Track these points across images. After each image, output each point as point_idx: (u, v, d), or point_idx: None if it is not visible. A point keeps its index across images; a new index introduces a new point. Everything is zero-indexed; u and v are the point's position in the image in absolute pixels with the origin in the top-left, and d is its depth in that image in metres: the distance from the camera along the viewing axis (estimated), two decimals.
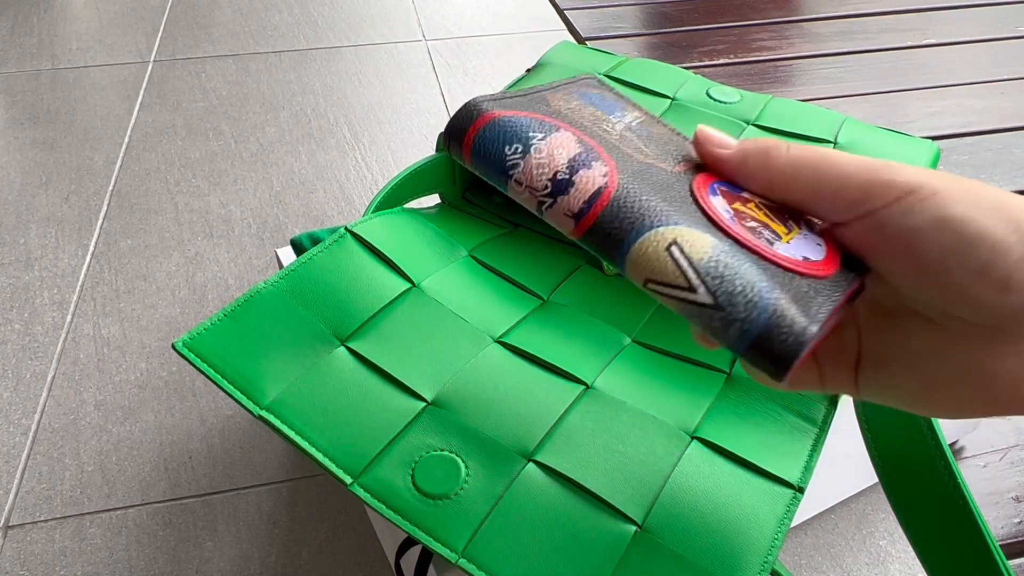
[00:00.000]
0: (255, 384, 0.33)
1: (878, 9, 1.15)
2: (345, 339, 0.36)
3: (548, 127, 0.27)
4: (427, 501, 0.30)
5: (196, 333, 0.34)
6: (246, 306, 0.36)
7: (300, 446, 0.31)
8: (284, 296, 0.36)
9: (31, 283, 0.69)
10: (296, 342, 0.35)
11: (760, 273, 0.22)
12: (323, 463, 0.31)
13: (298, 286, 0.37)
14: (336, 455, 0.31)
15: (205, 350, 0.34)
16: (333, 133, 0.89)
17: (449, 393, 0.34)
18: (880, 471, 0.32)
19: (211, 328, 0.35)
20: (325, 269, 0.38)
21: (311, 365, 0.34)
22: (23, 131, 0.90)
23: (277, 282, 0.37)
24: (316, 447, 0.31)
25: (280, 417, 0.32)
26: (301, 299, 0.36)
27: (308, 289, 0.37)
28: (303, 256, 0.38)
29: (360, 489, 0.30)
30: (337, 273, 0.38)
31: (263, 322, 0.35)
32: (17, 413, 0.57)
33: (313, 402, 0.33)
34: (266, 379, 0.33)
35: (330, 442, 0.32)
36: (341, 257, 0.39)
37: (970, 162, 0.81)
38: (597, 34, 1.07)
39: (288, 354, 0.34)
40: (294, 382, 0.33)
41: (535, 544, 0.29)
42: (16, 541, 0.49)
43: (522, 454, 0.32)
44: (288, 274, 0.37)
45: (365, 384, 0.34)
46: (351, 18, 1.16)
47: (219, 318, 0.35)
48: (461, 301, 0.39)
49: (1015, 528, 0.48)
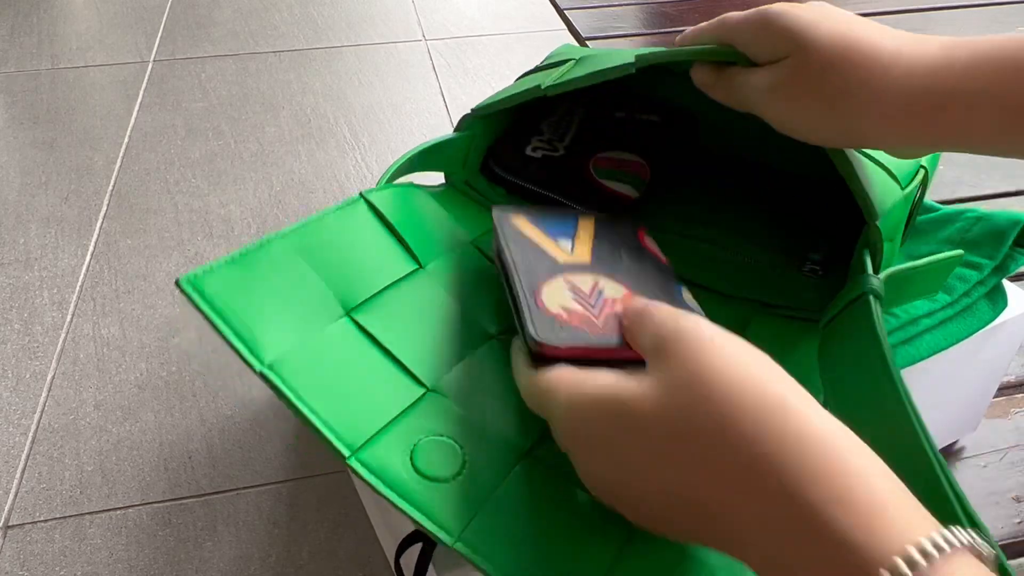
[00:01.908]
0: (258, 338, 0.32)
1: (878, 9, 1.15)
2: (351, 310, 0.35)
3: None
4: (425, 483, 0.30)
5: (202, 271, 0.33)
6: (255, 254, 0.35)
7: (300, 411, 0.30)
8: (293, 252, 0.36)
9: (31, 283, 0.69)
10: (302, 303, 0.34)
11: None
12: (323, 432, 0.30)
13: (308, 243, 0.36)
14: (336, 426, 0.30)
15: (210, 292, 0.32)
16: (333, 133, 0.89)
17: (450, 382, 0.34)
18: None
19: (218, 269, 0.33)
20: (336, 231, 0.37)
21: (316, 330, 0.34)
22: (23, 131, 0.90)
23: (288, 234, 0.36)
24: (317, 415, 0.30)
25: (282, 378, 0.31)
26: (310, 258, 0.36)
27: (318, 249, 0.36)
28: (316, 214, 0.38)
29: (357, 463, 0.30)
30: (348, 237, 0.38)
31: (270, 274, 0.34)
32: (17, 413, 0.57)
33: (315, 368, 0.32)
34: (268, 334, 0.32)
35: (330, 412, 0.31)
36: (353, 222, 0.38)
37: (970, 162, 0.81)
38: (597, 34, 1.07)
39: (293, 313, 0.34)
40: (297, 345, 0.33)
41: (532, 533, 0.29)
42: (16, 541, 0.49)
43: (520, 445, 0.32)
44: (299, 228, 0.36)
45: (368, 360, 0.34)
46: (351, 18, 1.16)
47: (226, 261, 0.33)
48: (463, 290, 0.39)
49: (1015, 528, 0.48)
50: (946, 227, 0.47)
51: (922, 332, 0.42)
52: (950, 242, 0.45)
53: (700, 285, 0.42)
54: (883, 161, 0.39)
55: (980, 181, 0.79)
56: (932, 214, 0.48)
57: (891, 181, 0.39)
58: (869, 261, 0.36)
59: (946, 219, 0.47)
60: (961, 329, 0.43)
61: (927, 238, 0.47)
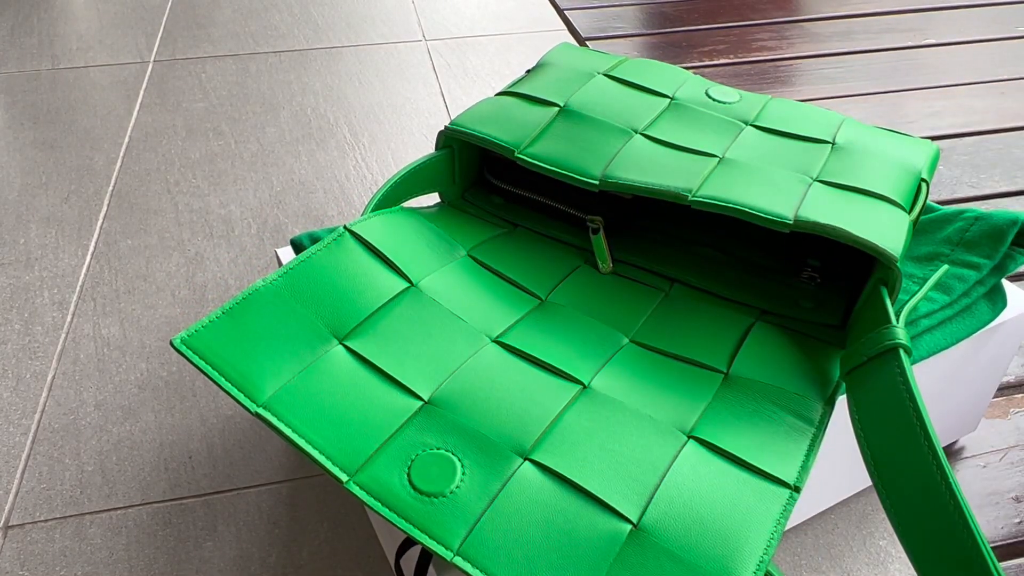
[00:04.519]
0: (252, 381, 0.33)
1: (878, 9, 1.15)
2: (343, 338, 0.36)
3: None
4: (423, 499, 0.30)
5: (194, 330, 0.34)
6: (244, 304, 0.36)
7: (296, 444, 0.31)
8: (282, 294, 0.36)
9: (31, 283, 0.69)
10: (294, 340, 0.35)
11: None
12: (319, 461, 0.31)
13: (296, 284, 0.37)
14: (332, 453, 0.31)
15: (203, 347, 0.34)
16: (333, 133, 0.89)
17: (446, 392, 0.34)
18: (873, 471, 0.32)
19: (209, 325, 0.35)
20: (323, 267, 0.38)
21: (308, 363, 0.34)
22: (23, 131, 0.90)
23: (275, 280, 0.37)
24: (312, 444, 0.31)
25: (277, 414, 0.32)
26: (299, 297, 0.37)
27: (306, 287, 0.37)
28: (302, 255, 0.38)
29: (356, 487, 0.30)
30: (335, 271, 0.38)
31: (261, 320, 0.35)
32: (17, 413, 0.57)
33: (310, 400, 0.33)
34: (264, 376, 0.33)
35: (327, 440, 0.32)
36: (339, 256, 0.39)
37: (970, 162, 0.81)
38: (597, 34, 1.07)
39: (286, 352, 0.34)
40: (291, 380, 0.34)
41: (530, 542, 0.29)
42: (16, 541, 0.49)
43: (518, 453, 0.32)
44: (286, 272, 0.37)
45: (362, 383, 0.34)
46: (351, 18, 1.16)
47: (217, 315, 0.35)
48: (459, 301, 0.39)
49: (1015, 528, 0.48)
50: (945, 227, 0.47)
51: (922, 332, 0.42)
52: (949, 242, 0.45)
53: (702, 289, 0.42)
54: (886, 193, 0.39)
55: (980, 181, 0.79)
56: (931, 214, 0.48)
57: (897, 211, 0.39)
58: (890, 306, 0.36)
59: (945, 219, 0.47)
60: (960, 329, 0.43)
61: (926, 238, 0.47)
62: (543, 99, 0.47)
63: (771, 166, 0.42)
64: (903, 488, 0.30)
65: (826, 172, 0.42)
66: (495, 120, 0.46)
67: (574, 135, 0.45)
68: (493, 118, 0.46)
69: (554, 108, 0.47)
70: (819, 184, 0.41)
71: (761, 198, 0.39)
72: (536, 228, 0.46)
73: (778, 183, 0.40)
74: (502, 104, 0.47)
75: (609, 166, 0.42)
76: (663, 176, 0.41)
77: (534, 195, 0.47)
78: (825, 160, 0.43)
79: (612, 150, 0.44)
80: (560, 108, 0.47)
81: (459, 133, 0.45)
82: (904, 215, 0.39)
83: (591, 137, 0.44)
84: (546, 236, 0.46)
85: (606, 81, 0.49)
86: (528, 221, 0.47)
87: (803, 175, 0.41)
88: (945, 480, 0.29)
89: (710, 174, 0.41)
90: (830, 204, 0.39)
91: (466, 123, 0.46)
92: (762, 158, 0.43)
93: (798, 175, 0.41)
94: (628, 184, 0.41)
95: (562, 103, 0.47)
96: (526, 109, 0.47)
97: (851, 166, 0.42)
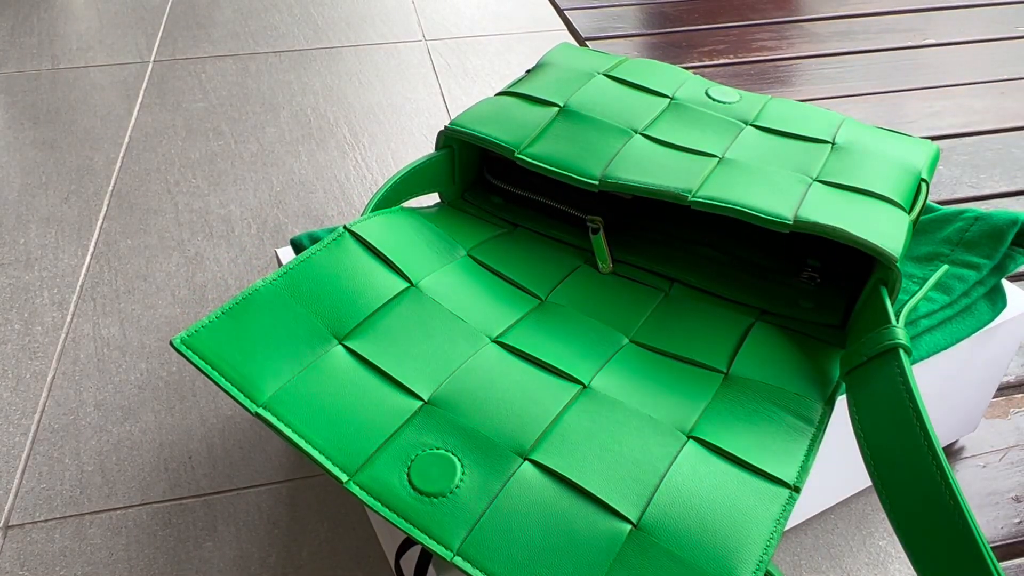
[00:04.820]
0: (252, 382, 0.33)
1: (878, 9, 1.15)
2: (343, 338, 0.36)
3: None
4: (422, 499, 0.30)
5: (194, 330, 0.34)
6: (244, 304, 0.36)
7: (296, 444, 0.31)
8: (282, 294, 0.36)
9: (31, 283, 0.69)
10: (294, 340, 0.35)
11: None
12: (319, 461, 0.31)
13: (296, 284, 0.37)
14: (332, 453, 0.31)
15: (203, 347, 0.34)
16: (333, 133, 0.89)
17: (446, 392, 0.34)
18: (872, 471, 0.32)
19: (209, 326, 0.35)
20: (323, 268, 0.38)
21: (308, 363, 0.34)
22: (23, 131, 0.90)
23: (275, 280, 0.37)
24: (312, 445, 0.31)
25: (276, 415, 0.32)
26: (299, 297, 0.37)
27: (306, 287, 0.37)
28: (301, 255, 0.38)
29: (356, 487, 0.30)
30: (335, 272, 0.38)
31: (261, 320, 0.35)
32: (17, 413, 0.57)
33: (310, 400, 0.33)
34: (263, 377, 0.33)
35: (326, 440, 0.32)
36: (339, 256, 0.39)
37: (970, 162, 0.81)
38: (597, 34, 1.07)
39: (286, 352, 0.34)
40: (291, 380, 0.34)
41: (530, 542, 0.29)
42: (16, 541, 0.49)
43: (518, 453, 0.32)
44: (286, 272, 0.37)
45: (362, 383, 0.34)
46: (351, 18, 1.16)
47: (217, 316, 0.35)
48: (459, 301, 0.39)
49: (1015, 528, 0.48)
50: (945, 227, 0.47)
51: (921, 332, 0.42)
52: (949, 242, 0.45)
53: (702, 289, 0.42)
54: (886, 193, 0.39)
55: (980, 181, 0.79)
56: (931, 214, 0.48)
57: (897, 211, 0.39)
58: (890, 306, 0.36)
59: (945, 219, 0.47)
60: (960, 329, 0.43)
61: (926, 238, 0.47)
62: (543, 99, 0.47)
63: (771, 166, 0.42)
64: (903, 488, 0.30)
65: (826, 172, 0.42)
66: (495, 120, 0.46)
67: (574, 135, 0.45)
68: (493, 118, 0.46)
69: (554, 108, 0.47)
70: (819, 184, 0.41)
71: (761, 198, 0.39)
72: (536, 228, 0.46)
73: (778, 183, 0.40)
74: (502, 104, 0.47)
75: (609, 166, 0.42)
76: (663, 176, 0.41)
77: (534, 195, 0.47)
78: (825, 160, 0.43)
79: (612, 150, 0.44)
80: (560, 108, 0.47)
81: (459, 133, 0.46)
82: (904, 215, 0.39)
83: (591, 137, 0.44)
84: (546, 236, 0.46)
85: (606, 81, 0.49)
86: (528, 221, 0.47)
87: (803, 175, 0.41)
88: (945, 480, 0.29)
89: (710, 174, 0.41)
90: (830, 204, 0.39)
91: (466, 123, 0.46)
92: (762, 158, 0.43)
93: (798, 175, 0.41)
94: (628, 184, 0.41)
95: (562, 103, 0.47)
96: (526, 109, 0.47)
97: (851, 166, 0.42)
